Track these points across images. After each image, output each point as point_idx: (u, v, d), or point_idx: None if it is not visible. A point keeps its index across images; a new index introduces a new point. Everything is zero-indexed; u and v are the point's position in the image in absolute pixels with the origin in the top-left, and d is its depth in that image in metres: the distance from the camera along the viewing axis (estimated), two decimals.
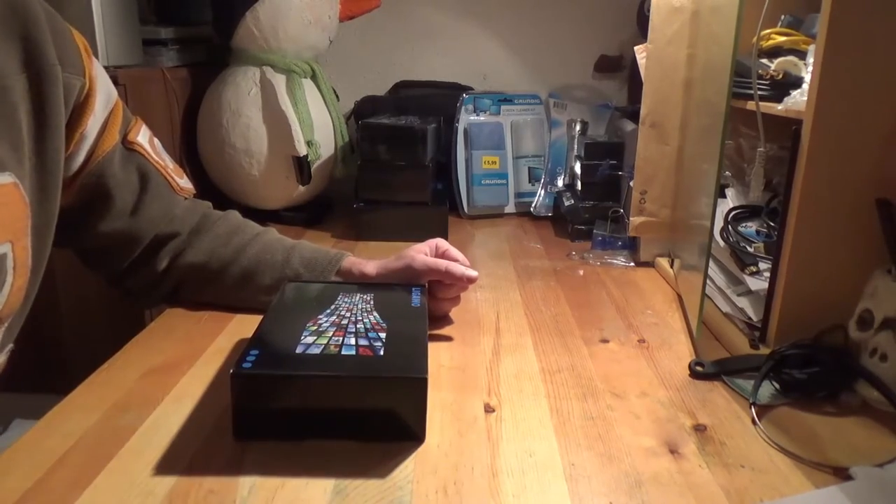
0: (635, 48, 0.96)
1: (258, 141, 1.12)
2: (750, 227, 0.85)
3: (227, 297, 0.79)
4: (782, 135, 0.78)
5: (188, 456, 0.52)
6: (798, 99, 0.69)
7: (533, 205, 1.28)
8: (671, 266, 0.96)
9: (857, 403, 0.63)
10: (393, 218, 1.12)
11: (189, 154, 1.17)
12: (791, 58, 0.79)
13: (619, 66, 1.36)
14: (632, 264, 1.02)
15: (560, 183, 1.28)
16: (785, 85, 0.76)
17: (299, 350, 0.57)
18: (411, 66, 1.39)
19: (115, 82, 0.95)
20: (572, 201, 1.18)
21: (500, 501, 0.48)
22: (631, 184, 1.00)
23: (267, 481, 0.49)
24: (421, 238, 1.09)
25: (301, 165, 1.12)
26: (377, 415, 0.55)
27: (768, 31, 0.84)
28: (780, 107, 0.71)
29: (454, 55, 1.39)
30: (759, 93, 0.75)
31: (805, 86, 0.71)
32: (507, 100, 1.32)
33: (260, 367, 0.54)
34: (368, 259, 0.81)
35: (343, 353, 0.57)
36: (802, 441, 0.56)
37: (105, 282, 0.81)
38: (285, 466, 0.51)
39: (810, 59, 0.74)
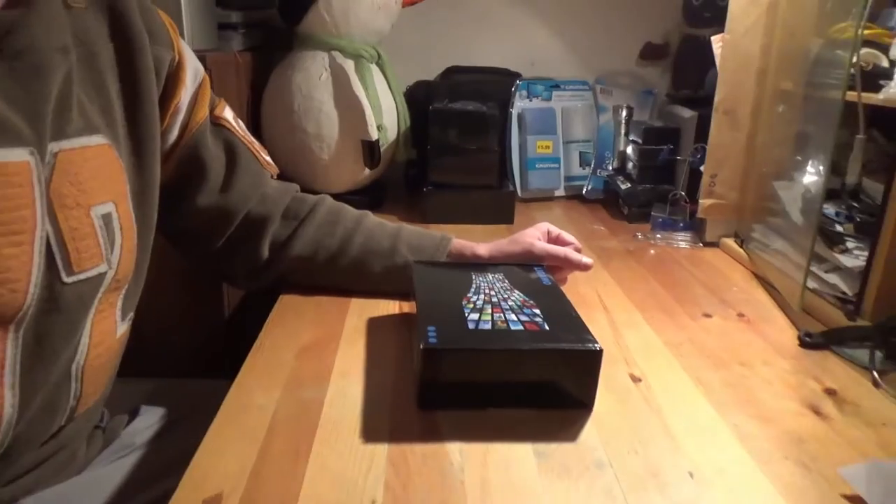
0: (712, 38, 1.00)
1: (329, 125, 1.13)
2: (829, 208, 0.90)
3: (336, 284, 0.81)
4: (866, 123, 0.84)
5: (386, 426, 0.55)
6: None
7: (584, 188, 1.33)
8: (740, 246, 1.02)
9: None
10: (462, 201, 1.15)
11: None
12: (872, 50, 0.84)
13: (664, 54, 1.41)
14: (699, 245, 1.07)
15: (610, 167, 1.33)
16: (872, 76, 0.81)
17: (471, 326, 0.60)
18: (460, 52, 1.41)
19: (203, 65, 0.96)
20: (628, 185, 1.23)
21: (690, 459, 0.53)
22: (701, 168, 1.05)
23: (472, 446, 0.53)
24: (489, 221, 1.14)
25: (372, 149, 1.14)
26: (551, 384, 0.59)
27: (843, 24, 0.90)
28: (880, 96, 0.76)
29: (503, 41, 1.42)
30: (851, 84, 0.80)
31: None
32: (557, 86, 1.35)
33: (446, 343, 0.57)
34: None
35: (511, 328, 0.61)
36: None
37: (200, 264, 0.83)
38: (481, 433, 0.55)
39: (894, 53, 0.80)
